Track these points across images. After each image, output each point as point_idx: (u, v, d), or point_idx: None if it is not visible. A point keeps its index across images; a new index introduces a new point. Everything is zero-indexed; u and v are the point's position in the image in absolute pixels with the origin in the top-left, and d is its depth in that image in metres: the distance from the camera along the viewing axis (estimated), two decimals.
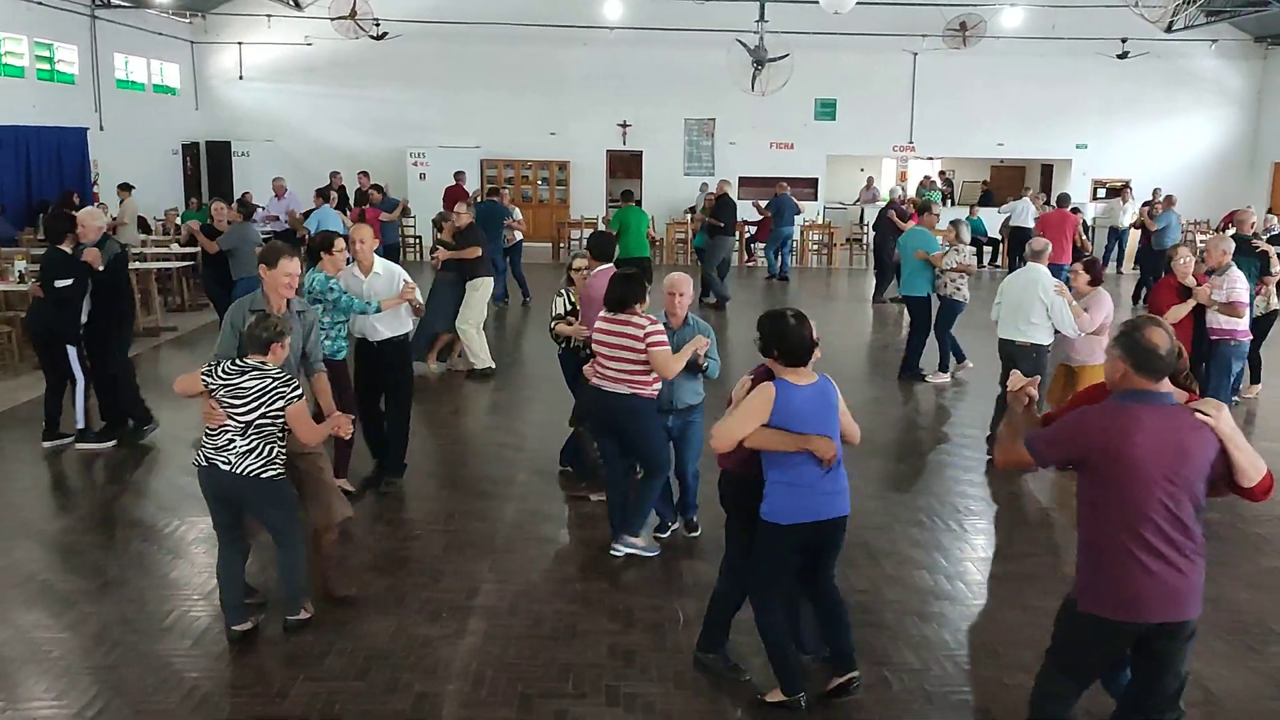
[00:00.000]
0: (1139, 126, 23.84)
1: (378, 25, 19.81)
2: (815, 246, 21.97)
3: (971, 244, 21.06)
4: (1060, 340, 7.80)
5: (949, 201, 24.66)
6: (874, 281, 16.91)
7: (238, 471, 4.83)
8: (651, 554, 6.09)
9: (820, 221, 22.79)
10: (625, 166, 24.13)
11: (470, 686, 4.68)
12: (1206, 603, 5.63)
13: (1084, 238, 16.05)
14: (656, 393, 5.92)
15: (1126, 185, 21.34)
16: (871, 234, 19.49)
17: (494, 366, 10.71)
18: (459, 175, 18.97)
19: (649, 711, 4.51)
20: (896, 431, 9.09)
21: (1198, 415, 3.43)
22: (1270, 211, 22.28)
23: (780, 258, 18.93)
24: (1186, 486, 3.42)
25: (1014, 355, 7.84)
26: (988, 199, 24.47)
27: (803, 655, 4.80)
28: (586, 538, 6.48)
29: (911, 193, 22.70)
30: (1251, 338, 8.32)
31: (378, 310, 6.82)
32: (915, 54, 22.87)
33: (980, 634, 5.31)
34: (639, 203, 15.77)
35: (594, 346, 5.99)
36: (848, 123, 23.66)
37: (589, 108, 23.20)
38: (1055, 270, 13.77)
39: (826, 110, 23.70)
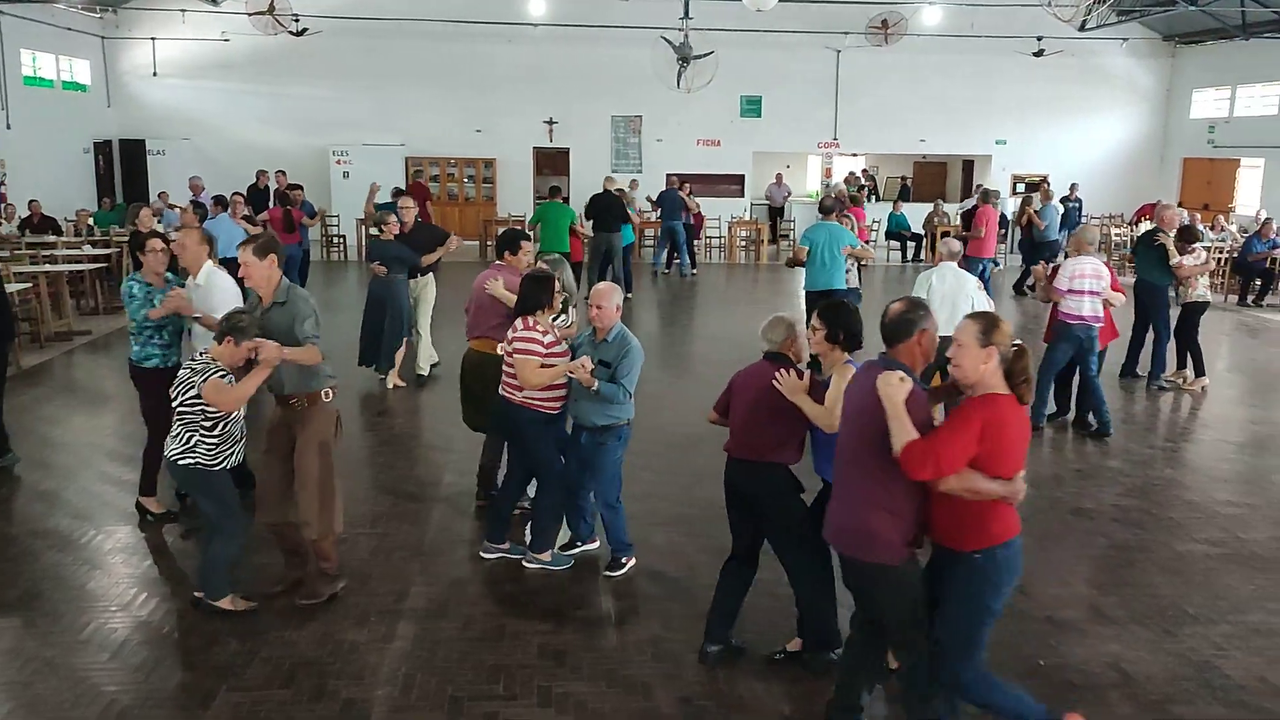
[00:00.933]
0: (1055, 123, 24.40)
1: (297, 21, 19.44)
2: (743, 242, 22.12)
3: (894, 239, 21.61)
4: None
5: (873, 197, 25.00)
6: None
7: (166, 455, 5.18)
8: (559, 568, 5.93)
9: (748, 218, 22.97)
10: (552, 164, 24.03)
11: (399, 691, 4.61)
12: (1125, 588, 5.84)
13: (999, 231, 16.38)
14: (543, 404, 5.69)
15: (1045, 180, 21.82)
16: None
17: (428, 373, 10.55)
18: (418, 174, 18.77)
19: (581, 711, 4.49)
20: None
21: (879, 377, 3.74)
22: (1180, 205, 23.03)
23: (669, 254, 18.61)
24: (850, 436, 3.92)
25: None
26: (906, 194, 24.88)
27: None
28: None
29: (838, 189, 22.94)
30: (1085, 322, 8.68)
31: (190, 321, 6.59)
32: (838, 51, 23.13)
33: None
34: (567, 199, 15.69)
35: None
36: (773, 120, 23.83)
37: (515, 105, 23.05)
38: (982, 264, 14.11)
39: (752, 107, 23.86)
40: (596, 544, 6.16)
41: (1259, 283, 16.69)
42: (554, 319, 5.90)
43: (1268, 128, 21.68)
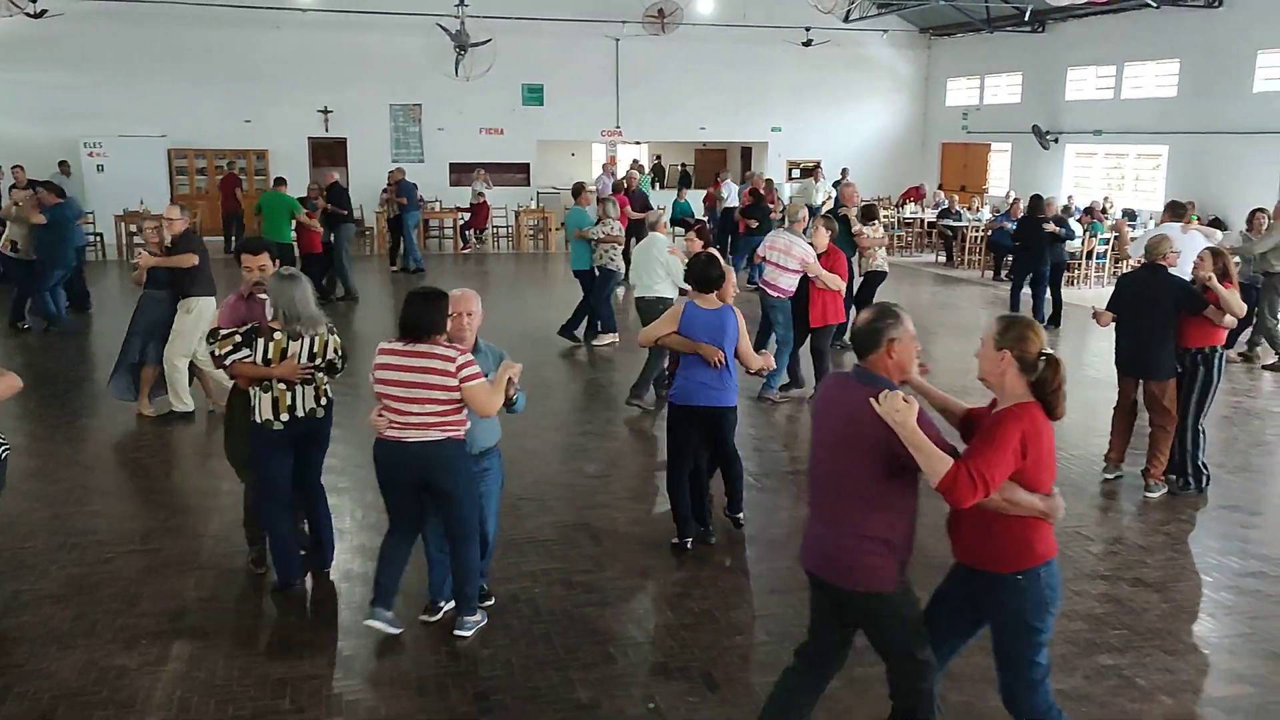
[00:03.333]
0: (826, 110, 25.50)
1: (34, 2, 17.93)
2: (531, 231, 22.05)
3: (679, 225, 22.04)
4: None
5: (658, 185, 25.47)
6: None
7: None
8: (485, 622, 5.13)
9: (535, 207, 22.90)
10: (329, 154, 23.17)
11: (174, 716, 4.33)
12: None
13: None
14: (462, 432, 4.84)
15: (818, 165, 22.81)
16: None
17: (193, 410, 8.85)
18: (232, 165, 17.49)
19: (374, 716, 4.36)
20: (610, 407, 9.24)
21: (871, 399, 3.39)
22: (940, 187, 24.57)
23: (400, 246, 17.97)
24: (831, 456, 3.59)
25: (645, 310, 8.92)
26: (687, 181, 25.46)
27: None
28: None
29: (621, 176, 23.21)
30: (766, 291, 9.41)
31: None
32: (617, 40, 23.35)
33: (699, 601, 5.49)
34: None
35: (378, 387, 4.74)
36: (555, 108, 23.82)
37: (286, 94, 22.02)
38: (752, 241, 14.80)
39: (534, 95, 23.77)
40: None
41: (1010, 259, 17.94)
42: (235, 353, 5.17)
43: (1012, 115, 23.41)
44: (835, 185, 22.26)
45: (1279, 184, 17.01)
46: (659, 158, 28.00)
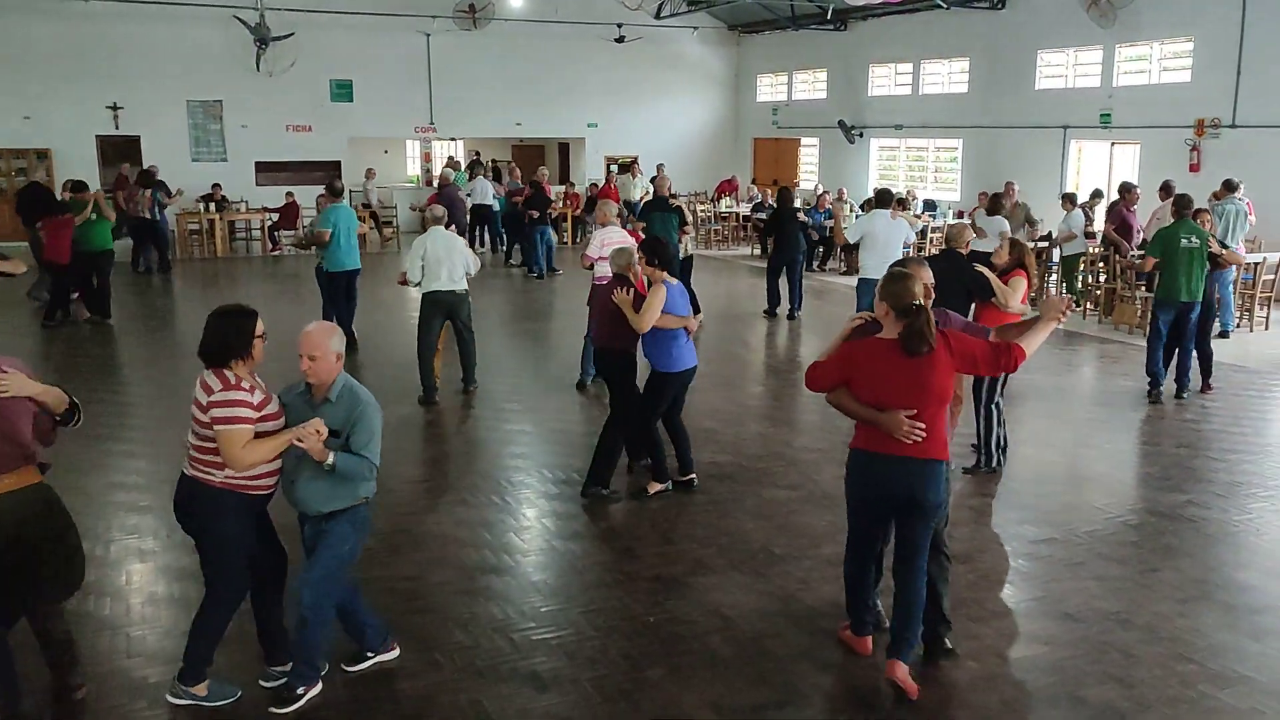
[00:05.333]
0: (641, 106, 25.76)
1: None
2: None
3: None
4: None
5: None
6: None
7: None
8: (221, 702, 4.42)
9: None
10: (121, 153, 21.85)
11: None
12: (722, 537, 6.27)
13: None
14: (251, 485, 4.25)
15: (634, 161, 23.03)
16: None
17: None
18: (124, 167, 16.04)
19: None
20: (428, 410, 9.08)
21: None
22: (754, 182, 25.22)
23: (142, 251, 17.31)
24: None
25: (455, 304, 9.25)
26: (499, 178, 25.28)
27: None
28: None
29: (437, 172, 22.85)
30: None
31: None
32: (428, 35, 22.93)
33: (526, 600, 5.44)
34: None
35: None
36: (366, 104, 23.13)
37: (69, 89, 20.50)
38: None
39: (343, 91, 23.01)
40: (396, 651, 4.83)
41: (821, 250, 18.60)
42: None
43: (819, 110, 24.26)
44: (653, 181, 22.65)
45: (1060, 174, 18.26)
46: (477, 153, 27.64)
